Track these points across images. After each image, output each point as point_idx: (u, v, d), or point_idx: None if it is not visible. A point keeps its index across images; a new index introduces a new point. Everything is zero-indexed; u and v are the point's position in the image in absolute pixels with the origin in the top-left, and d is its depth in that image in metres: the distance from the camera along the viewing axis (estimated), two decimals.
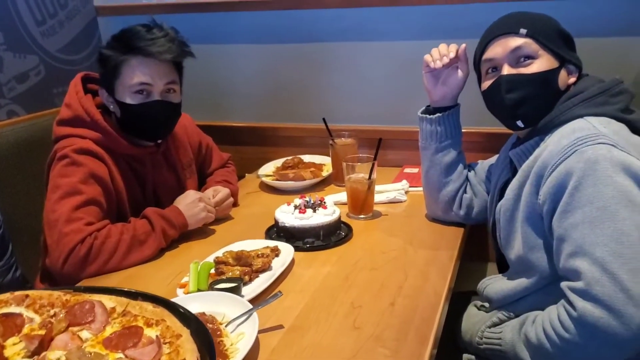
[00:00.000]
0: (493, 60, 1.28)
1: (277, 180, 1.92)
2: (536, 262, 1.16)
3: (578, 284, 1.02)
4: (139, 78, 1.48)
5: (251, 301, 1.15)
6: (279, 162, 2.09)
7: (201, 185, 1.83)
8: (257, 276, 1.29)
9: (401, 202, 1.76)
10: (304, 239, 1.46)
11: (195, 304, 1.12)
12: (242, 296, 1.18)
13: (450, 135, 1.49)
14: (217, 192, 1.67)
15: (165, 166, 1.67)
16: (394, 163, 2.08)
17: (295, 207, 1.53)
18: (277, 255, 1.37)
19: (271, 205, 1.76)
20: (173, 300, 1.14)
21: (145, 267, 1.40)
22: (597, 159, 1.03)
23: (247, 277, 1.26)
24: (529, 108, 1.24)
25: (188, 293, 1.20)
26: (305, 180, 1.89)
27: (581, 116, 1.15)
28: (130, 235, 1.40)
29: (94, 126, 1.49)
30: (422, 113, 1.53)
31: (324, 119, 1.96)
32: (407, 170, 2.05)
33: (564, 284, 1.06)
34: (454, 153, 1.50)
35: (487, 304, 1.33)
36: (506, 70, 1.25)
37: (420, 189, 1.81)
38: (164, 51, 1.48)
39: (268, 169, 2.05)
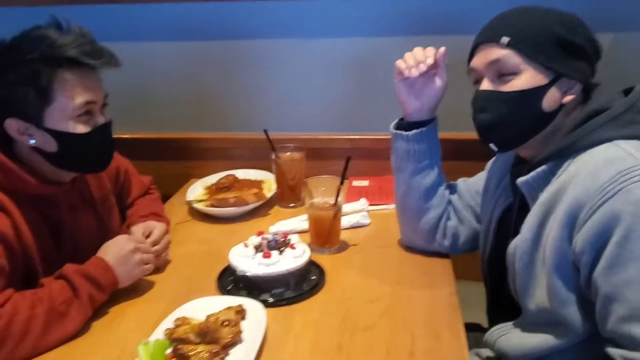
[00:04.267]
0: (475, 71, 1.10)
1: (213, 206, 1.61)
2: (568, 318, 0.98)
3: (637, 356, 0.85)
4: (82, 97, 1.13)
5: None
6: (207, 181, 1.78)
7: (122, 220, 1.48)
8: (228, 354, 1.01)
9: (365, 225, 1.54)
10: (271, 291, 1.19)
11: None
12: None
13: (429, 154, 1.29)
14: (149, 230, 1.35)
15: (82, 205, 1.30)
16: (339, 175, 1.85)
17: (256, 249, 1.25)
18: (243, 318, 1.10)
19: (211, 240, 1.49)
20: None
21: (69, 349, 1.06)
22: None
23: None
24: (503, 132, 1.07)
25: None
26: (248, 204, 1.60)
27: (609, 140, 0.97)
28: (45, 308, 1.04)
29: None
30: (395, 128, 1.31)
31: (265, 131, 1.67)
32: (356, 183, 1.83)
33: (616, 353, 0.89)
34: (434, 174, 1.30)
35: (491, 353, 1.16)
36: (484, 85, 1.07)
37: (381, 207, 1.63)
38: (98, 57, 1.15)
39: (197, 192, 1.73)
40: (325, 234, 1.38)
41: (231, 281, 1.24)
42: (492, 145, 1.11)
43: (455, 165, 1.50)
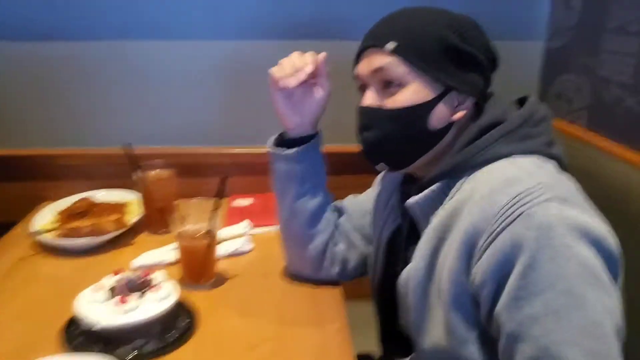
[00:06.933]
0: (360, 78, 0.98)
1: (65, 237, 1.36)
2: (469, 358, 0.88)
3: None
4: None
5: None
6: (59, 206, 1.52)
7: None
8: None
9: (246, 252, 1.37)
10: (131, 343, 0.99)
11: None
12: None
13: (314, 173, 1.15)
14: None
15: None
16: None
17: (111, 292, 1.03)
18: None
19: (62, 278, 1.26)
20: None
21: None
22: (550, 224, 0.77)
23: None
24: (389, 153, 0.97)
25: None
26: (107, 233, 1.37)
27: (506, 155, 0.89)
28: None
29: None
30: (274, 146, 1.16)
31: (126, 145, 1.45)
32: (238, 202, 1.66)
33: None
34: (320, 196, 1.16)
35: None
36: (367, 98, 0.96)
37: (266, 229, 1.47)
38: None
39: (46, 220, 1.45)
40: (198, 267, 1.19)
41: (80, 334, 1.02)
42: (378, 167, 1.00)
43: (342, 180, 1.38)
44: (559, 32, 1.57)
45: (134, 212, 1.49)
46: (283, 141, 1.15)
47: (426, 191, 0.94)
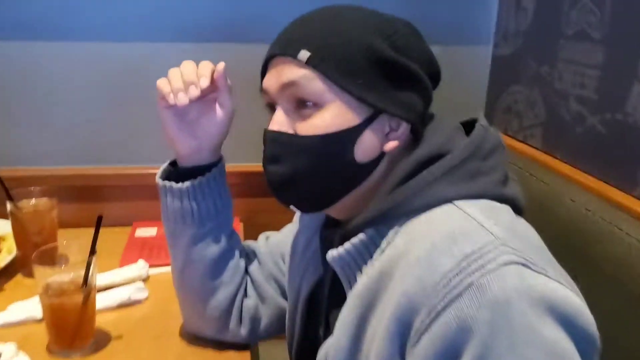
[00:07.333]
0: (268, 94, 0.76)
1: None
2: None
3: None
4: None
5: None
6: None
7: None
8: None
9: (139, 302, 1.12)
10: None
11: None
12: None
13: (215, 211, 0.91)
14: None
15: None
16: (116, 221, 1.38)
17: None
18: None
19: None
20: None
21: None
22: (508, 300, 0.57)
23: None
24: (303, 192, 0.76)
25: None
26: None
27: (449, 199, 0.69)
28: None
29: None
30: (163, 177, 0.92)
31: None
32: (141, 232, 1.41)
33: None
34: (224, 239, 0.92)
35: None
36: (276, 120, 0.74)
37: (166, 269, 1.22)
38: None
39: None
40: (69, 329, 0.94)
41: None
42: (292, 207, 0.78)
43: (259, 204, 1.17)
44: (508, 37, 1.39)
45: (9, 249, 1.23)
46: (176, 171, 0.91)
47: (349, 243, 0.73)
